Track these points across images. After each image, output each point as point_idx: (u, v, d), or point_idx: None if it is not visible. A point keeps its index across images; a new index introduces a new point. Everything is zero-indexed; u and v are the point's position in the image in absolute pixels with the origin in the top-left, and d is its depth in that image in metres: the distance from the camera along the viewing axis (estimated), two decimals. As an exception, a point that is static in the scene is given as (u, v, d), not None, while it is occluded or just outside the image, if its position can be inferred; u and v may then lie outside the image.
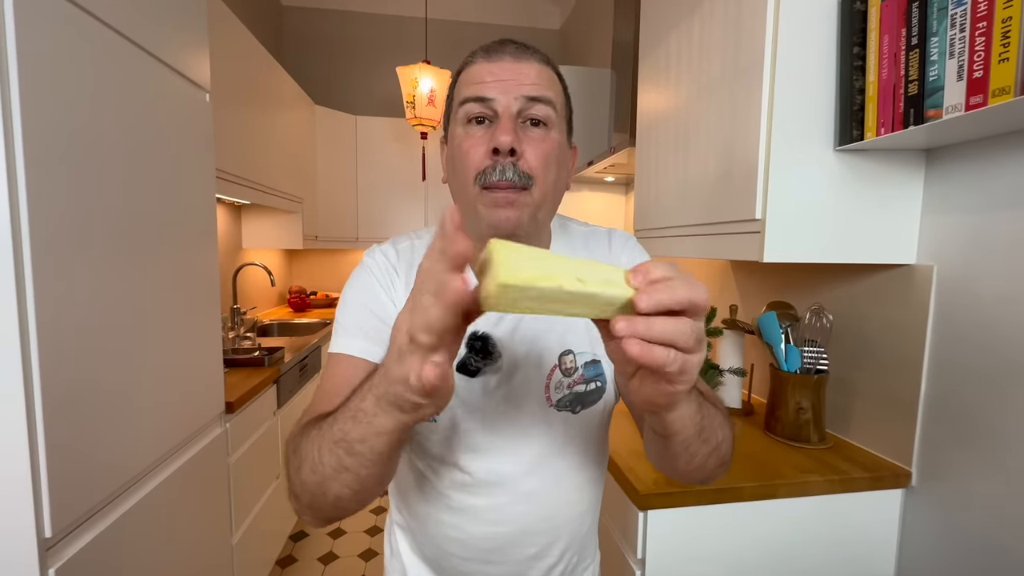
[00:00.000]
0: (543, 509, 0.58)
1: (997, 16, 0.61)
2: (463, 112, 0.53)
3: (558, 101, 0.55)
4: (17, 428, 0.66)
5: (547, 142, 0.53)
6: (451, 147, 0.56)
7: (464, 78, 0.55)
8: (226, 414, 1.29)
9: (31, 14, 0.66)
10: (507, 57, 0.53)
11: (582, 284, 0.30)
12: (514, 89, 0.52)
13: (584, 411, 0.59)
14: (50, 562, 0.70)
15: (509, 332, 0.57)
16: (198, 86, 1.12)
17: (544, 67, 0.54)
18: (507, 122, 0.51)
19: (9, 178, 0.64)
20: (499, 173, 0.51)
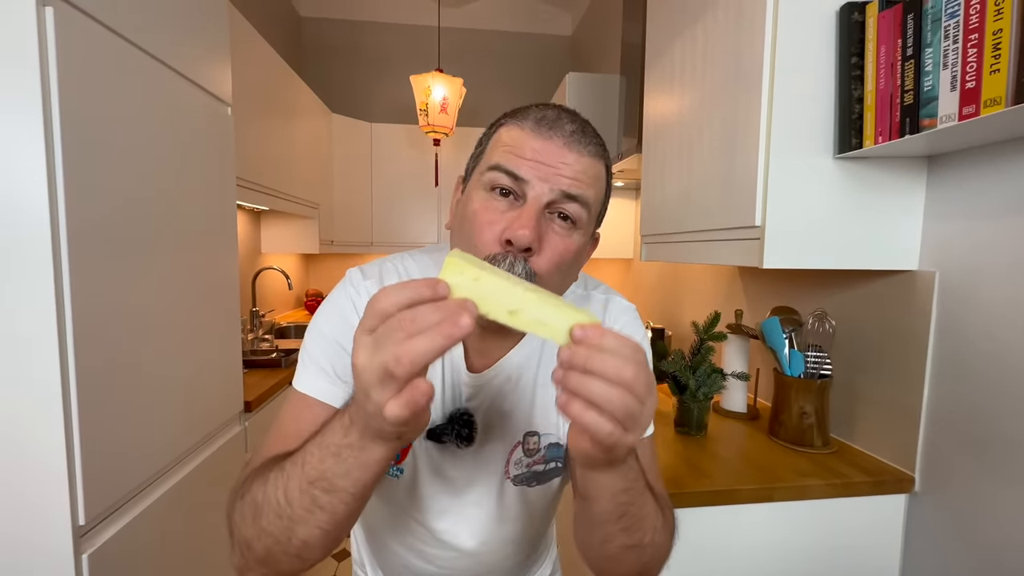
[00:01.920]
0: (488, 566, 0.62)
1: (988, 28, 0.63)
2: (489, 177, 0.48)
3: (595, 201, 0.49)
4: (54, 423, 0.71)
5: (567, 243, 0.48)
6: (466, 206, 0.50)
7: (505, 138, 0.49)
8: (245, 413, 1.34)
9: (70, 38, 0.71)
10: (559, 139, 0.47)
11: (511, 317, 0.31)
12: (553, 179, 0.46)
13: (539, 487, 0.59)
14: (83, 548, 0.75)
15: (484, 404, 0.56)
16: (220, 100, 1.18)
17: (595, 161, 0.49)
18: (532, 214, 0.45)
19: (50, 185, 0.69)
20: (508, 266, 0.46)
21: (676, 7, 1.21)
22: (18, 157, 0.68)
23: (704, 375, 1.09)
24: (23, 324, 0.69)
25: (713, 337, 1.12)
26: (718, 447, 1.05)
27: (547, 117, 0.48)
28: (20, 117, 0.67)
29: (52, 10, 0.68)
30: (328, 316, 0.54)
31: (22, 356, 0.70)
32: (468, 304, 0.30)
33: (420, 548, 0.60)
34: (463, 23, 3.31)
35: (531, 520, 0.62)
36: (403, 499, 0.58)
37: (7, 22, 0.66)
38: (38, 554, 0.72)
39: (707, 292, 1.62)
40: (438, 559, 0.60)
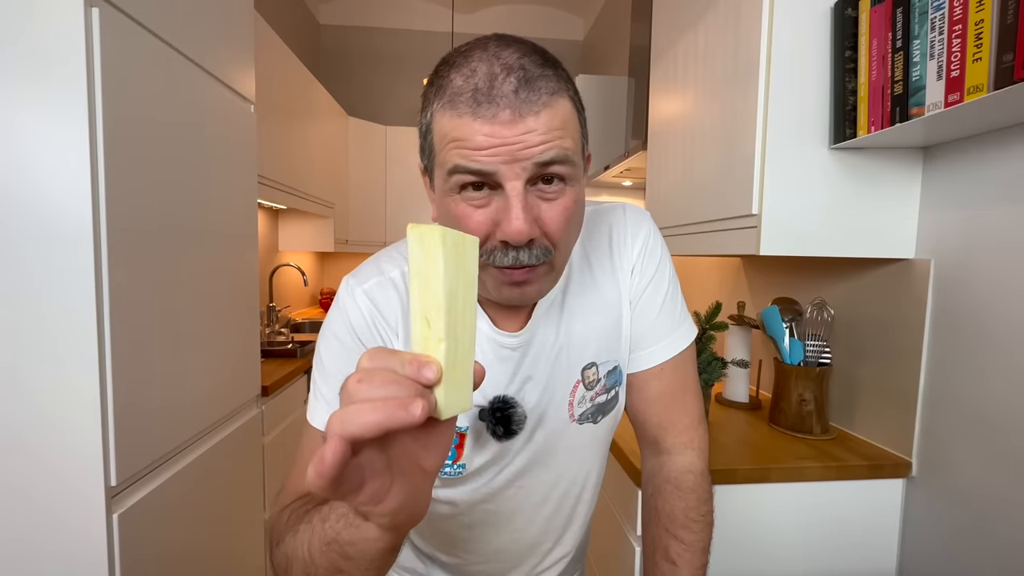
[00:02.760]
0: (561, 511, 0.60)
1: (971, 19, 0.65)
2: (455, 181, 0.42)
3: (576, 143, 0.43)
4: (91, 393, 0.77)
5: (565, 200, 0.43)
6: (446, 212, 0.44)
7: (449, 129, 0.41)
8: (262, 397, 1.40)
9: (113, 38, 0.78)
10: (505, 110, 0.39)
11: (423, 326, 0.28)
12: (521, 155, 0.39)
13: (604, 419, 0.58)
14: (114, 508, 0.80)
15: (534, 363, 0.54)
16: (245, 98, 1.25)
17: (555, 100, 0.41)
18: (516, 204, 0.40)
19: (93, 181, 0.75)
20: (512, 258, 0.43)
21: (679, 8, 1.25)
22: (65, 153, 0.74)
23: (705, 363, 1.11)
24: (68, 308, 0.76)
25: (714, 327, 1.15)
26: (719, 433, 1.07)
27: (480, 88, 0.39)
28: (67, 113, 0.74)
29: (98, 11, 0.74)
30: (327, 344, 0.52)
31: (66, 336, 0.76)
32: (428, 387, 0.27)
33: (490, 511, 0.57)
34: (476, 29, 3.39)
35: (599, 455, 0.61)
36: (464, 488, 0.55)
37: (56, 22, 0.72)
38: (73, 511, 0.78)
39: (712, 285, 1.64)
40: (509, 521, 0.58)
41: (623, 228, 0.59)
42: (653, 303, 0.58)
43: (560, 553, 0.63)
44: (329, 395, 0.50)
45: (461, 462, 0.53)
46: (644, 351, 0.59)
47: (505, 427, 0.52)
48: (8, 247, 0.74)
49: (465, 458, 0.53)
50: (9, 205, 0.73)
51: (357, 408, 0.25)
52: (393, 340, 0.52)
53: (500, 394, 0.53)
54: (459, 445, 0.53)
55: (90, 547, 0.78)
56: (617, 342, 0.58)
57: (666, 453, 0.61)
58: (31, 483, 0.77)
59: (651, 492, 0.61)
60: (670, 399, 0.60)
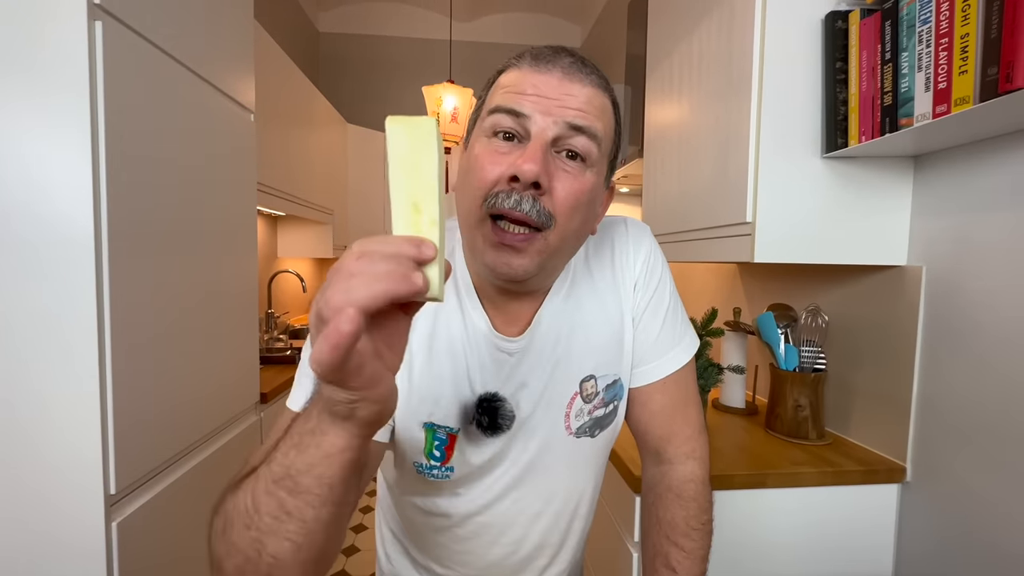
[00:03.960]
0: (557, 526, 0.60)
1: (957, 32, 0.67)
2: (491, 122, 0.45)
3: (605, 136, 0.47)
4: (91, 400, 0.78)
5: (581, 181, 0.45)
6: (467, 155, 0.48)
7: (503, 81, 0.47)
8: (261, 404, 1.40)
9: (116, 49, 0.79)
10: (558, 70, 0.45)
11: (413, 211, 0.29)
12: (556, 111, 0.44)
13: (602, 433, 0.58)
14: (113, 516, 0.81)
15: (532, 369, 0.54)
16: (244, 107, 1.26)
17: (599, 92, 0.46)
18: (537, 148, 0.43)
19: (94, 188, 0.76)
20: (514, 202, 0.43)
21: (674, 18, 1.27)
22: (68, 162, 0.75)
23: (701, 369, 1.12)
24: (67, 315, 0.76)
25: (710, 333, 1.16)
26: (715, 438, 1.08)
27: (543, 53, 0.47)
28: (70, 123, 0.75)
29: (101, 24, 0.76)
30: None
31: (66, 342, 0.76)
32: (425, 251, 0.28)
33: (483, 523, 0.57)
34: (474, 36, 3.42)
35: (596, 470, 0.61)
36: (457, 499, 0.55)
37: (61, 34, 0.74)
38: (72, 520, 0.78)
39: (708, 291, 1.65)
40: (503, 535, 0.58)
41: (625, 243, 0.60)
42: (656, 318, 0.59)
43: (556, 571, 0.63)
44: (307, 380, 0.48)
45: (449, 464, 0.53)
46: (648, 365, 0.59)
47: (491, 418, 0.51)
48: (10, 256, 0.75)
49: (454, 460, 0.53)
50: (13, 213, 0.74)
51: (361, 279, 0.26)
52: None
53: (491, 390, 0.53)
54: (448, 447, 0.52)
55: (89, 555, 0.78)
56: (618, 356, 0.58)
57: (668, 463, 0.61)
58: (30, 490, 0.77)
59: (652, 500, 0.61)
60: (673, 411, 0.61)
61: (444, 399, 0.52)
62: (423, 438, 0.52)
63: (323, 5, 3.21)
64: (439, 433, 0.52)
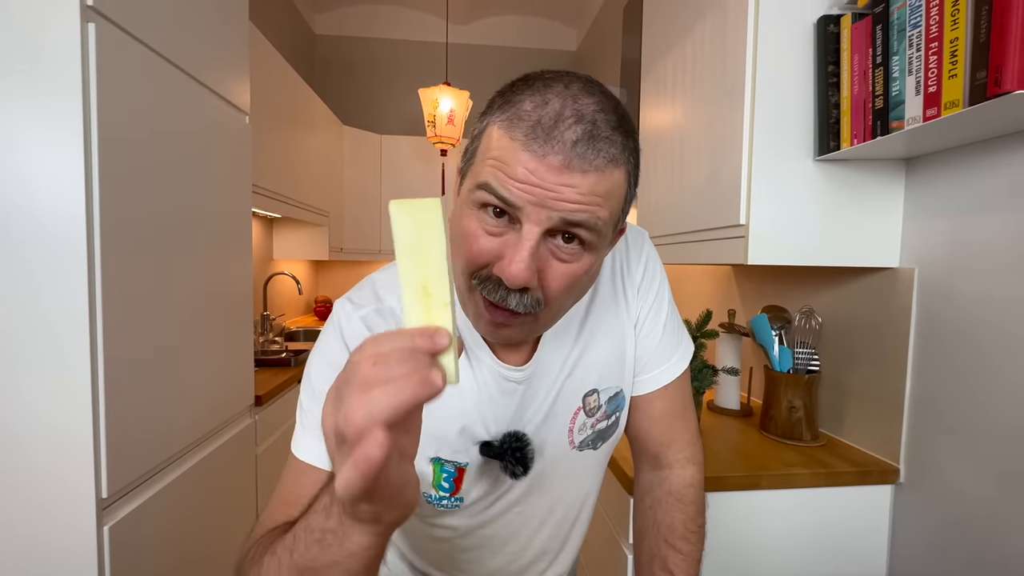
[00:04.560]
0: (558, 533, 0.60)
1: (946, 36, 0.68)
2: (478, 196, 0.41)
3: (612, 215, 0.42)
4: (82, 403, 0.77)
5: (576, 266, 0.42)
6: (458, 220, 0.44)
7: (496, 146, 0.40)
8: (255, 406, 1.40)
9: (109, 51, 0.79)
10: (558, 156, 0.38)
11: (423, 296, 0.29)
12: (551, 204, 0.38)
13: (604, 445, 0.58)
14: (105, 520, 0.80)
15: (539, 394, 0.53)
16: (239, 110, 1.26)
17: (609, 170, 0.39)
18: (525, 250, 0.39)
19: (87, 191, 0.76)
20: (500, 296, 0.41)
21: (668, 22, 1.27)
22: (60, 164, 0.75)
23: (696, 371, 1.12)
24: (59, 317, 0.76)
25: (705, 335, 1.16)
26: (710, 440, 1.08)
27: (543, 122, 0.38)
28: (62, 125, 0.74)
29: (94, 26, 0.75)
30: (319, 368, 0.50)
31: (57, 345, 0.76)
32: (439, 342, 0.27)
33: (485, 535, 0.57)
34: (470, 39, 3.42)
35: (596, 480, 0.62)
36: (464, 516, 0.55)
37: (54, 36, 0.73)
38: (63, 524, 0.78)
39: (703, 293, 1.66)
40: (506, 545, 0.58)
41: (625, 250, 0.59)
42: (656, 325, 0.59)
43: (554, 573, 0.63)
44: (318, 421, 0.47)
45: (459, 495, 0.52)
46: (650, 374, 0.60)
47: (524, 466, 0.51)
48: (2, 258, 0.74)
49: (463, 492, 0.53)
50: (5, 215, 0.74)
51: (381, 392, 0.25)
52: None
53: (510, 430, 0.52)
54: (457, 479, 0.52)
55: (81, 559, 0.78)
56: (621, 367, 0.58)
57: (667, 467, 0.62)
58: (21, 494, 0.77)
59: (649, 504, 0.61)
60: (673, 416, 0.61)
61: (451, 436, 0.51)
62: (431, 471, 0.52)
63: (319, 7, 3.21)
64: (447, 467, 0.52)
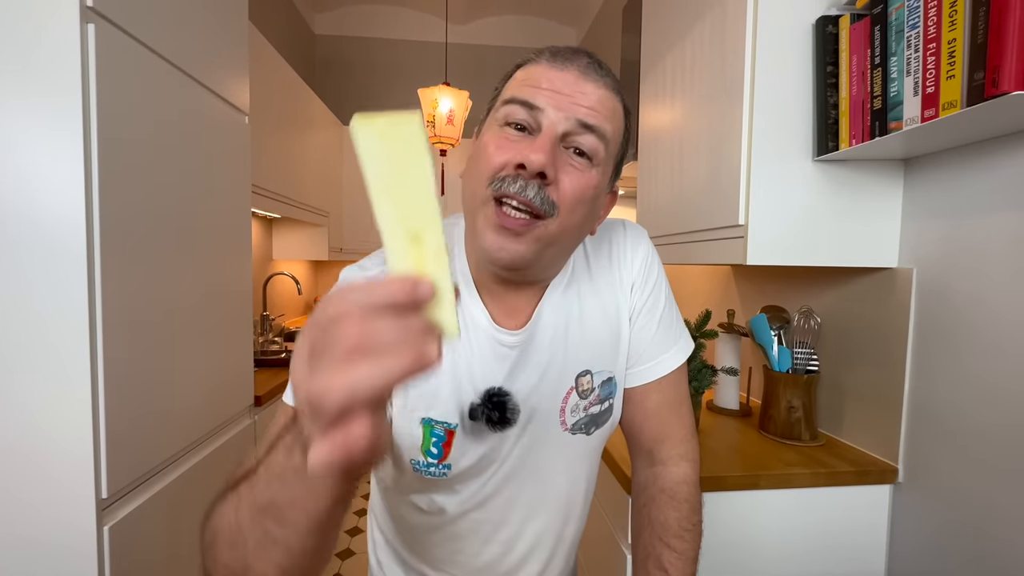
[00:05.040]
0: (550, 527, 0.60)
1: (944, 37, 0.68)
2: (504, 112, 0.47)
3: (613, 137, 0.48)
4: (83, 402, 0.77)
5: (586, 177, 0.46)
6: (478, 142, 0.50)
7: (520, 75, 0.49)
8: (255, 407, 1.40)
9: (109, 52, 0.79)
10: (574, 69, 0.46)
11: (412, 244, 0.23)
12: (568, 107, 0.45)
13: (597, 431, 0.59)
14: (105, 520, 0.80)
15: (530, 362, 0.54)
16: (239, 110, 1.26)
17: (612, 94, 0.48)
18: (547, 140, 0.44)
19: (87, 191, 0.76)
20: (519, 187, 0.44)
21: (667, 22, 1.28)
22: (60, 164, 0.75)
23: (695, 370, 1.12)
24: (59, 318, 0.76)
25: (704, 335, 1.16)
26: (709, 440, 1.08)
27: (562, 51, 0.48)
28: (62, 125, 0.74)
29: (94, 27, 0.75)
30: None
31: (57, 346, 0.76)
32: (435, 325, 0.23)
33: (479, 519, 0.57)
34: (469, 39, 3.43)
35: (590, 469, 0.62)
36: (454, 495, 0.55)
37: (54, 37, 0.73)
38: (63, 524, 0.78)
39: (703, 293, 1.66)
40: (498, 533, 0.58)
41: (623, 244, 0.61)
42: (652, 318, 0.60)
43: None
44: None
45: (447, 462, 0.52)
46: (644, 365, 0.60)
47: (500, 413, 0.51)
48: (2, 258, 0.74)
49: (451, 458, 0.52)
50: (4, 215, 0.74)
51: (368, 366, 0.22)
52: None
53: (496, 386, 0.53)
54: (446, 443, 0.52)
55: (81, 559, 0.78)
56: (614, 354, 0.59)
57: (661, 464, 0.62)
58: (21, 495, 0.77)
59: (644, 502, 0.62)
60: (668, 411, 0.62)
61: (442, 394, 0.52)
62: (420, 435, 0.52)
63: (319, 7, 3.21)
64: (437, 429, 0.52)
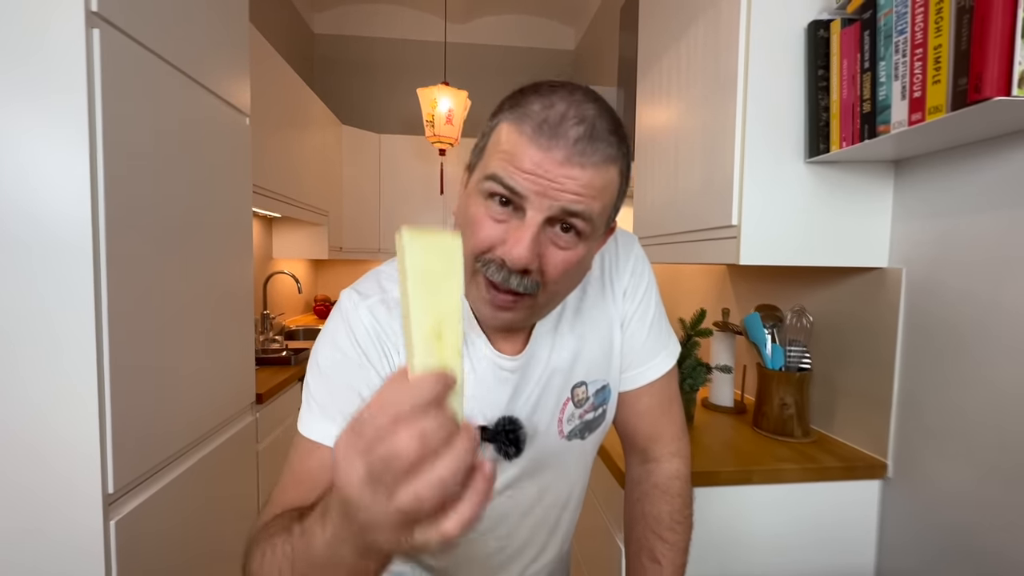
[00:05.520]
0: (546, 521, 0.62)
1: (930, 43, 0.69)
2: (487, 187, 0.45)
3: (603, 211, 0.47)
4: (88, 400, 0.79)
5: (571, 253, 0.46)
6: (466, 209, 0.49)
7: (504, 140, 0.45)
8: (257, 404, 1.42)
9: (113, 56, 0.81)
10: (561, 150, 0.43)
11: (436, 340, 0.27)
12: (553, 194, 0.43)
13: (591, 435, 0.61)
14: (111, 515, 0.82)
15: (530, 384, 0.56)
16: (239, 111, 1.27)
17: (604, 167, 0.45)
18: (527, 234, 0.43)
19: (92, 193, 0.77)
20: (503, 277, 0.45)
21: (663, 24, 1.29)
22: (66, 165, 0.76)
23: (689, 368, 1.14)
24: (66, 317, 0.78)
25: (699, 333, 1.18)
26: (702, 436, 1.10)
27: (549, 120, 0.43)
28: (67, 129, 0.76)
29: (99, 32, 0.77)
30: (326, 352, 0.52)
31: (64, 344, 0.78)
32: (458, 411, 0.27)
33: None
34: (469, 38, 3.44)
35: (584, 470, 0.64)
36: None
37: (60, 42, 0.75)
38: (71, 519, 0.79)
39: (699, 292, 1.68)
40: (496, 529, 0.60)
41: (614, 252, 0.63)
42: (643, 324, 0.62)
43: (542, 563, 0.65)
44: (324, 401, 0.50)
45: None
46: (636, 370, 0.62)
47: (516, 447, 0.54)
48: (10, 256, 0.76)
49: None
50: (13, 214, 0.76)
51: (445, 461, 0.25)
52: (395, 356, 0.52)
53: (504, 415, 0.55)
54: None
55: (88, 553, 0.80)
56: (608, 362, 0.61)
57: (654, 461, 0.64)
58: (29, 490, 0.79)
59: (638, 497, 0.64)
60: (659, 412, 0.64)
61: None
62: None
63: (318, 6, 3.21)
64: None
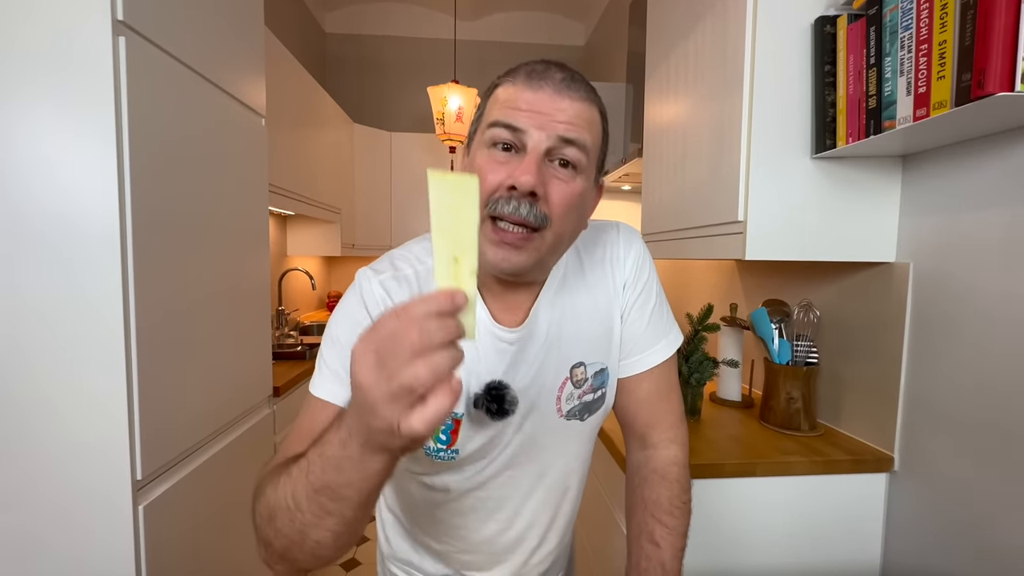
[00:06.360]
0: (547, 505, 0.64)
1: (935, 39, 0.70)
2: (490, 135, 0.51)
3: (593, 145, 0.52)
4: (119, 392, 0.83)
5: (572, 186, 0.51)
6: (470, 163, 0.54)
7: (499, 96, 0.52)
8: (274, 397, 1.46)
9: (138, 63, 0.84)
10: (549, 87, 0.50)
11: (454, 265, 0.34)
12: (548, 125, 0.49)
13: (590, 417, 0.63)
14: (140, 500, 0.86)
15: (528, 357, 0.58)
16: (256, 112, 1.31)
17: (587, 105, 0.51)
18: (532, 160, 0.48)
19: (120, 194, 0.81)
20: (512, 207, 0.48)
21: (671, 20, 1.30)
22: (95, 168, 0.80)
23: (697, 363, 1.16)
24: (96, 314, 0.81)
25: (706, 328, 1.19)
26: (710, 430, 1.12)
27: (536, 70, 0.51)
28: (95, 133, 0.80)
29: (124, 40, 0.81)
30: (340, 322, 0.56)
31: (96, 339, 0.82)
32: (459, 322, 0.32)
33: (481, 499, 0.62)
34: (478, 36, 3.45)
35: (584, 452, 0.66)
36: (458, 479, 0.60)
37: (88, 49, 0.79)
38: (101, 502, 0.84)
39: (708, 287, 1.69)
40: (499, 512, 0.62)
41: (616, 245, 0.65)
42: (643, 314, 0.64)
43: (545, 551, 0.67)
44: (335, 365, 0.53)
45: (455, 447, 0.57)
46: (636, 357, 0.65)
47: (498, 404, 0.56)
48: (44, 253, 0.80)
49: (459, 444, 0.57)
50: (45, 215, 0.80)
51: (441, 355, 0.31)
52: None
53: (493, 380, 0.57)
54: (454, 431, 0.57)
55: (118, 535, 0.84)
56: (607, 347, 0.63)
57: (652, 447, 0.66)
58: (64, 476, 0.83)
59: (637, 483, 0.66)
60: (658, 399, 0.66)
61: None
62: None
63: (329, 6, 3.25)
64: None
